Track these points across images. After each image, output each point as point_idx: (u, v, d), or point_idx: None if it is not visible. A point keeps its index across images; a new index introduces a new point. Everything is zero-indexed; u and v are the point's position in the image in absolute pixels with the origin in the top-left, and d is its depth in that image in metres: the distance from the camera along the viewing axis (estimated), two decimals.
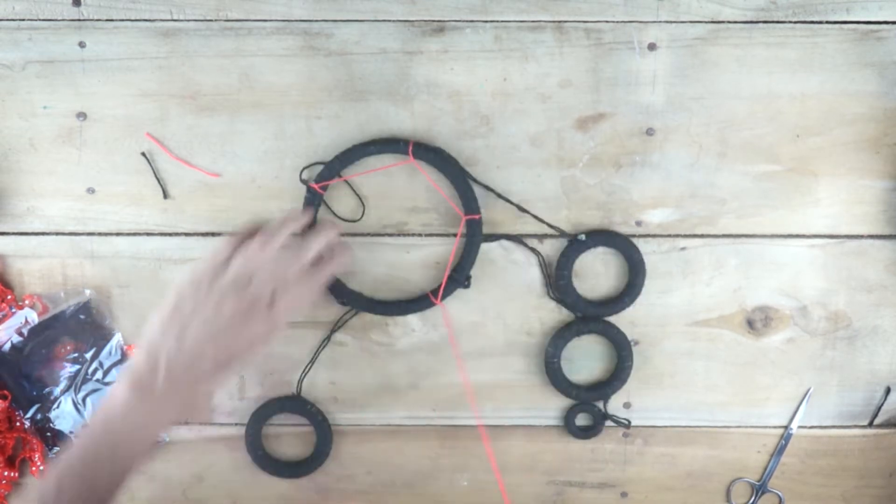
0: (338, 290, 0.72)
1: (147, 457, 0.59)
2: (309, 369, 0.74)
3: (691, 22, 0.70)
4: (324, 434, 0.74)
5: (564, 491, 0.77)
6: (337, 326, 0.73)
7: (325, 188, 0.71)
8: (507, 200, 0.72)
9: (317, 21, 0.70)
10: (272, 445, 0.76)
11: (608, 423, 0.75)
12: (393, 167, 0.71)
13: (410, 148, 0.70)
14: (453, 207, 0.72)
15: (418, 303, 0.72)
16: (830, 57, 0.70)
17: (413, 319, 0.74)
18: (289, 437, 0.76)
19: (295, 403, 0.74)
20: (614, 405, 0.76)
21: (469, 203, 0.71)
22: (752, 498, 0.77)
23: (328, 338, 0.74)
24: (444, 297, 0.72)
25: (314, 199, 0.71)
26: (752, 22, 0.70)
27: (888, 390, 0.75)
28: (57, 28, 0.70)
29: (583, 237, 0.71)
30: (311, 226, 0.69)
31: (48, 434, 0.75)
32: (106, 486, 0.57)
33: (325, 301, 0.73)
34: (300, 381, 0.74)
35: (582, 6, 0.70)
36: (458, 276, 0.72)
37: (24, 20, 0.70)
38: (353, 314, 0.73)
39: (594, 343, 0.75)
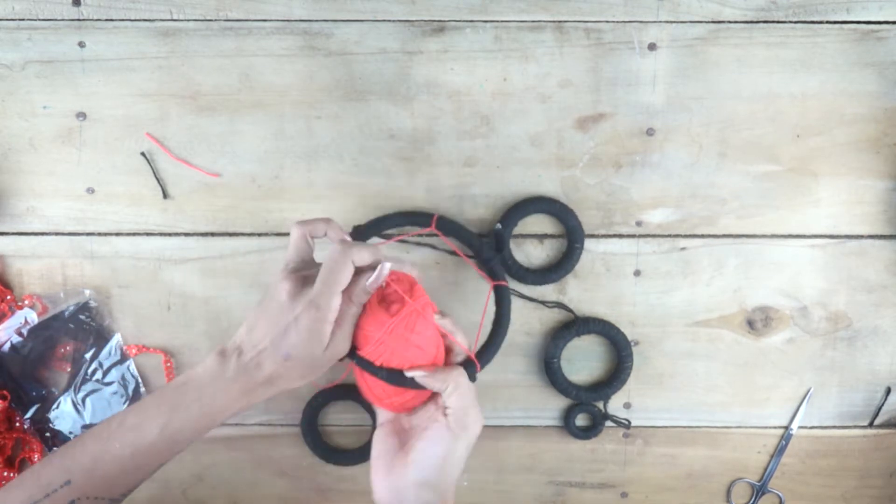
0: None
1: (196, 436, 0.61)
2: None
3: (691, 22, 0.70)
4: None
5: (564, 491, 0.77)
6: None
7: None
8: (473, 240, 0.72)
9: (317, 21, 0.70)
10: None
11: (608, 423, 0.75)
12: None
13: (434, 220, 0.70)
14: (482, 275, 0.72)
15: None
16: (830, 57, 0.70)
17: None
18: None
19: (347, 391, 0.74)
20: (614, 405, 0.76)
21: (495, 270, 0.70)
22: (753, 498, 0.77)
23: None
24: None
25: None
26: (752, 22, 0.70)
27: (888, 391, 0.75)
28: (57, 28, 0.70)
29: (499, 226, 0.71)
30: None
31: (48, 434, 0.75)
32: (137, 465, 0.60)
33: None
34: None
35: (582, 6, 0.70)
36: (494, 343, 0.68)
37: (24, 20, 0.70)
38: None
39: (594, 343, 0.75)
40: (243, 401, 0.61)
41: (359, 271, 0.60)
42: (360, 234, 0.69)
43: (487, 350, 0.68)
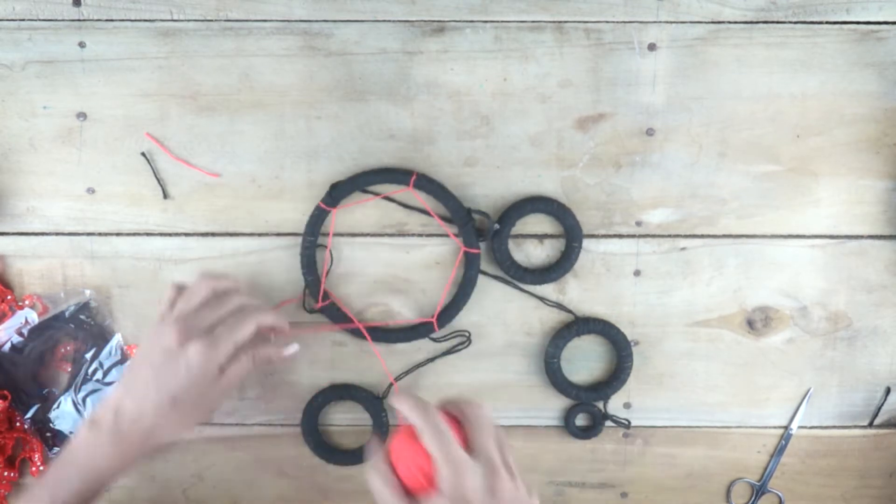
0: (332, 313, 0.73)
1: (102, 494, 0.63)
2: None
3: (691, 22, 0.70)
4: (376, 410, 0.74)
5: (564, 491, 0.77)
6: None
7: (334, 205, 0.71)
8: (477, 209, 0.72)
9: (317, 21, 0.70)
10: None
11: (608, 423, 0.75)
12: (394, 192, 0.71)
13: (413, 179, 0.70)
14: (455, 240, 0.72)
15: (418, 331, 0.73)
16: (830, 57, 0.70)
17: (413, 319, 0.74)
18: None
19: (349, 390, 0.75)
20: (614, 405, 0.76)
21: (468, 237, 0.71)
22: (752, 498, 0.77)
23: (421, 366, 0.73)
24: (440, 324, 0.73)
25: (321, 216, 0.71)
26: (752, 22, 0.70)
27: (888, 390, 0.75)
28: (57, 28, 0.70)
29: (496, 226, 0.71)
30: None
31: (48, 434, 0.75)
32: None
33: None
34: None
35: (582, 6, 0.70)
36: (454, 307, 0.73)
37: (24, 20, 0.70)
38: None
39: (594, 343, 0.75)
40: (125, 460, 0.62)
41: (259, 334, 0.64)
42: (339, 190, 0.70)
43: (445, 312, 0.72)
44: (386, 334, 0.73)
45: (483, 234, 0.71)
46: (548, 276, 0.72)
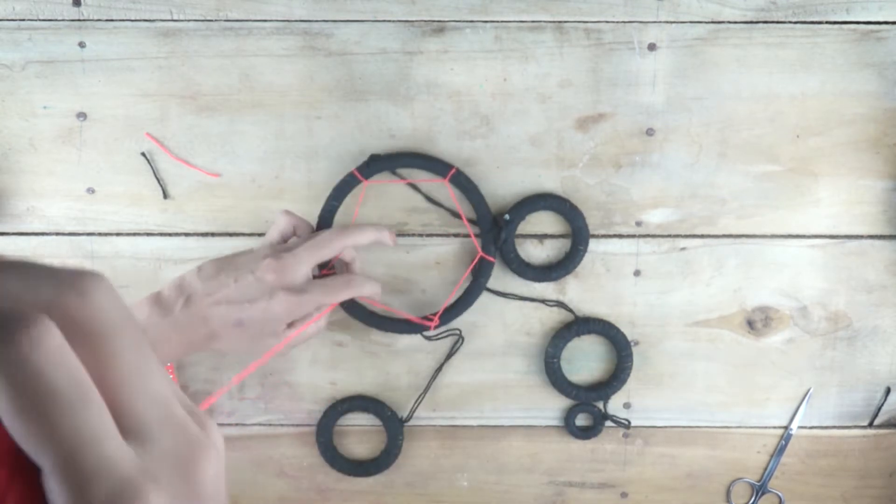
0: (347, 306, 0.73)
1: None
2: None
3: (691, 22, 0.70)
4: (394, 432, 0.74)
5: (564, 491, 0.77)
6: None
7: (368, 177, 0.70)
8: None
9: (317, 21, 0.70)
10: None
11: (608, 423, 0.75)
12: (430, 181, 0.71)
13: (452, 172, 0.70)
14: (475, 244, 0.72)
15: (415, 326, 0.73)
16: (830, 57, 0.70)
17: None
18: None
19: (366, 402, 0.75)
20: (614, 405, 0.76)
21: (487, 243, 0.71)
22: (752, 498, 0.77)
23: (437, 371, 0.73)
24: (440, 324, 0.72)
25: (352, 183, 0.70)
26: (752, 22, 0.70)
27: (888, 390, 0.75)
28: (57, 28, 0.70)
29: (507, 217, 0.71)
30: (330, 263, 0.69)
31: None
32: None
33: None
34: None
35: (582, 6, 0.70)
36: (455, 310, 0.72)
37: (24, 20, 0.70)
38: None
39: (594, 343, 0.75)
40: (183, 352, 0.61)
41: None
42: (377, 162, 0.70)
43: (449, 311, 0.72)
44: (381, 321, 0.72)
45: (497, 240, 0.71)
46: (550, 274, 0.72)
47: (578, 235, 0.71)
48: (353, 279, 0.66)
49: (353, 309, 0.72)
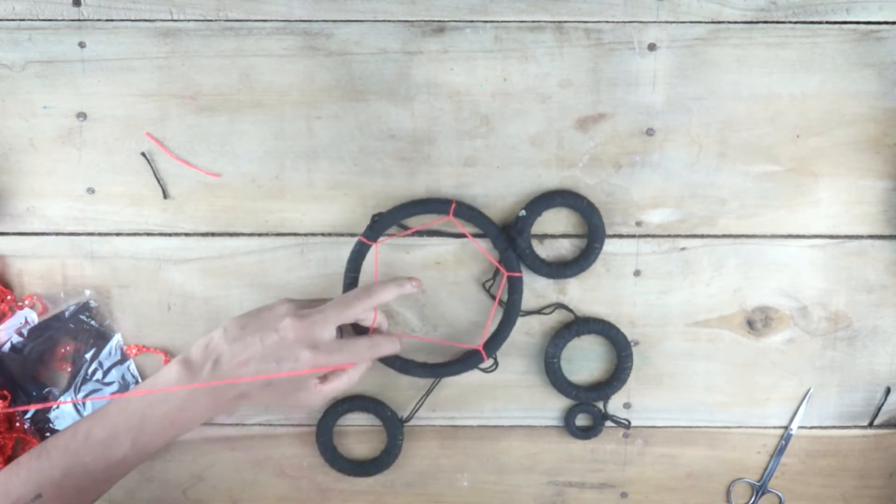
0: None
1: (164, 446, 0.63)
2: None
3: (691, 22, 0.70)
4: (394, 432, 0.75)
5: (564, 491, 0.77)
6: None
7: (374, 238, 0.71)
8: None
9: (317, 21, 0.70)
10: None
11: (608, 423, 0.75)
12: (435, 224, 0.71)
13: (452, 207, 0.70)
14: (496, 266, 0.72)
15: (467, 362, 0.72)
16: (830, 57, 0.70)
17: (413, 319, 0.74)
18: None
19: (366, 402, 0.75)
20: (614, 405, 0.76)
21: (510, 261, 0.71)
22: (752, 498, 0.77)
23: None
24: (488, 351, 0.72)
25: (363, 251, 0.71)
26: (752, 22, 0.70)
27: (888, 390, 0.75)
28: (57, 28, 0.70)
29: (523, 213, 0.71)
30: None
31: (48, 434, 0.75)
32: (110, 470, 0.61)
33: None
34: None
35: (582, 6, 0.70)
36: (502, 332, 0.72)
37: (24, 20, 0.70)
38: None
39: (594, 343, 0.75)
40: (212, 413, 0.62)
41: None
42: (382, 221, 0.70)
43: (494, 340, 0.71)
44: (435, 370, 0.72)
45: (522, 232, 0.71)
46: (564, 271, 0.72)
47: (595, 233, 0.71)
48: (375, 341, 0.67)
49: (395, 362, 0.72)
